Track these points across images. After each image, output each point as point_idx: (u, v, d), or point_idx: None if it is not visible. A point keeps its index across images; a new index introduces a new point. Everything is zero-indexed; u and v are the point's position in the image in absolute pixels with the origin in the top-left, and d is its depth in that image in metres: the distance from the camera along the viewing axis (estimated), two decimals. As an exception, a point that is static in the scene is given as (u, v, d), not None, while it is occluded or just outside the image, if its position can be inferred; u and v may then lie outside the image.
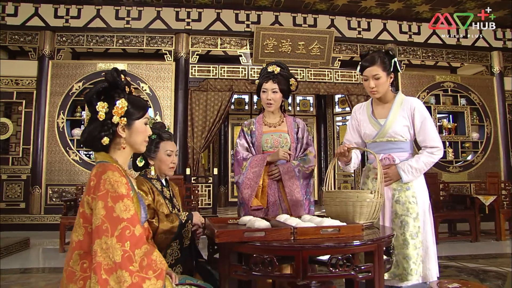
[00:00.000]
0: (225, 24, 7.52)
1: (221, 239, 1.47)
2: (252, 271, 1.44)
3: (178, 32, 7.39)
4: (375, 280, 1.47)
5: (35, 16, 7.12)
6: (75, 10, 7.19)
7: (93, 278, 1.34)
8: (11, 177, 6.89)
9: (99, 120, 1.50)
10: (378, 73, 2.23)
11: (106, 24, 7.24)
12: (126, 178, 1.49)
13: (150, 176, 2.14)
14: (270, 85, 2.51)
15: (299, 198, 2.42)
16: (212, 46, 7.56)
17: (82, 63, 7.32)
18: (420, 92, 7.87)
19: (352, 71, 7.76)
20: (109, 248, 1.34)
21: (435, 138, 2.25)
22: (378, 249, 1.49)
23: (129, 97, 1.59)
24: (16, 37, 7.14)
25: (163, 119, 7.17)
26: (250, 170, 2.45)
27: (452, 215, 5.84)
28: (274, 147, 2.54)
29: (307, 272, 1.39)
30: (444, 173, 7.74)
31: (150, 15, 7.35)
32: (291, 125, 2.61)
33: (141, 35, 7.37)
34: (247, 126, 2.68)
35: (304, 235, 1.49)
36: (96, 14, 7.23)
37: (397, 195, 2.24)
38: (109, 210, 1.38)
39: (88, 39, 7.27)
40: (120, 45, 7.38)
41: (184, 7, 7.42)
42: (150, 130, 1.67)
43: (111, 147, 1.57)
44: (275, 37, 7.32)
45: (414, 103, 2.29)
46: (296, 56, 7.50)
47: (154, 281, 1.38)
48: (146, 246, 1.43)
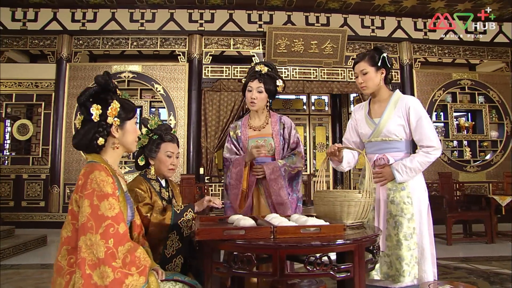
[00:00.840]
0: (238, 24, 7.57)
1: (200, 237, 1.50)
2: (232, 268, 1.46)
3: (191, 33, 7.48)
4: (355, 280, 1.47)
5: (53, 20, 7.34)
6: (91, 13, 7.37)
7: (78, 272, 1.40)
8: (32, 176, 7.13)
9: (94, 121, 1.57)
10: (365, 68, 2.25)
11: (121, 26, 7.40)
12: (112, 177, 1.55)
13: (149, 176, 2.18)
14: (255, 84, 2.51)
15: (284, 197, 2.41)
16: (225, 47, 7.63)
17: (98, 66, 7.51)
18: (435, 90, 7.73)
19: (366, 69, 7.68)
20: (93, 245, 1.40)
21: (431, 137, 2.19)
22: (359, 249, 1.49)
23: (119, 100, 1.65)
24: (36, 41, 7.38)
25: (177, 120, 7.28)
26: (233, 170, 2.47)
27: (467, 216, 5.70)
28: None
29: (284, 270, 1.41)
30: (461, 172, 7.57)
31: (163, 17, 7.47)
32: (276, 126, 2.57)
33: (155, 37, 7.50)
34: (233, 130, 2.67)
35: (284, 234, 1.50)
36: (111, 17, 7.40)
37: (392, 195, 2.21)
38: (94, 208, 1.44)
39: (104, 41, 7.45)
40: (134, 47, 7.52)
41: (197, 9, 7.50)
42: (139, 130, 1.73)
43: (103, 148, 1.63)
44: (288, 37, 7.32)
45: (410, 102, 2.25)
46: (309, 55, 7.48)
47: (137, 277, 1.43)
48: (129, 243, 1.48)
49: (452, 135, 7.85)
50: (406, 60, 7.69)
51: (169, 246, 1.95)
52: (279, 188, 2.41)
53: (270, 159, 2.52)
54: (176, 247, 1.95)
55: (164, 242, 1.95)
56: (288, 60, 7.54)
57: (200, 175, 7.19)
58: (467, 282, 3.59)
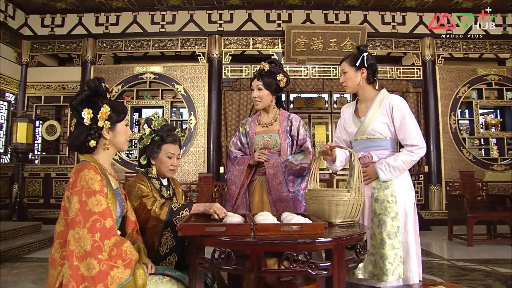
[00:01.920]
0: (257, 24, 7.61)
1: (183, 232, 1.56)
2: (213, 263, 1.51)
3: (211, 33, 7.59)
4: (334, 278, 1.48)
5: (79, 25, 7.64)
6: (114, 17, 7.62)
7: (66, 264, 1.49)
8: (59, 175, 7.45)
9: (85, 125, 1.66)
10: (345, 68, 2.32)
11: (143, 29, 7.60)
12: (101, 175, 1.63)
13: (150, 175, 2.24)
14: (255, 83, 2.56)
15: (283, 193, 2.43)
16: (244, 46, 7.69)
17: (120, 67, 7.74)
18: (460, 86, 7.50)
19: (387, 66, 7.56)
20: (80, 238, 1.49)
21: (415, 136, 2.19)
22: (338, 248, 1.50)
23: (110, 103, 1.74)
24: (63, 45, 7.70)
25: (197, 119, 7.40)
26: (236, 168, 2.53)
27: (489, 216, 5.51)
28: (265, 148, 2.57)
29: (261, 267, 1.44)
30: (487, 171, 7.31)
31: (183, 18, 7.62)
32: (283, 124, 2.59)
33: (176, 38, 7.66)
34: (242, 126, 2.73)
35: (264, 231, 1.53)
36: (133, 20, 7.61)
37: (376, 194, 2.21)
38: (82, 204, 1.53)
39: (127, 44, 7.67)
40: (156, 49, 7.70)
41: (216, 9, 7.60)
42: (130, 131, 1.81)
43: (95, 149, 1.72)
44: (306, 35, 7.30)
45: (394, 101, 2.25)
46: (328, 53, 7.42)
47: (122, 269, 1.50)
48: (116, 237, 1.55)
49: (478, 133, 7.58)
50: (428, 57, 7.49)
51: (163, 244, 1.97)
52: (278, 184, 2.43)
53: (276, 155, 2.54)
54: (170, 245, 1.97)
55: (159, 239, 1.98)
56: (307, 59, 7.52)
57: (220, 173, 7.29)
58: (482, 285, 3.49)
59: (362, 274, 2.15)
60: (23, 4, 7.42)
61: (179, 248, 1.98)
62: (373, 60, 2.33)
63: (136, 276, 1.54)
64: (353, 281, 2.20)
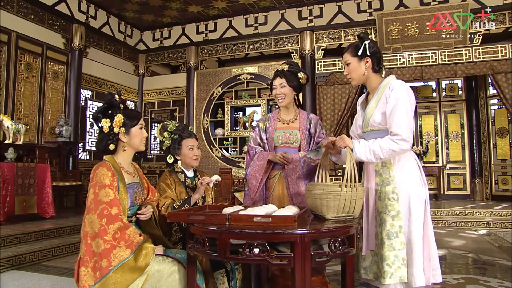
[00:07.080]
0: (347, 15, 7.50)
1: (170, 219, 1.86)
2: (195, 247, 1.71)
3: (302, 30, 7.72)
4: (296, 270, 1.53)
5: (182, 35, 8.49)
6: (212, 24, 8.27)
7: (83, 241, 1.88)
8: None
9: (105, 132, 2.02)
10: (347, 59, 2.16)
11: (238, 32, 8.10)
12: (113, 172, 1.96)
13: (176, 169, 2.56)
14: (278, 81, 2.63)
15: (301, 188, 2.48)
16: (336, 40, 7.64)
17: (220, 70, 8.36)
18: None
19: (498, 45, 6.75)
20: (92, 222, 1.84)
21: (401, 125, 1.93)
22: (301, 241, 1.54)
23: (124, 112, 2.07)
24: (170, 55, 8.64)
25: (291, 115, 7.57)
26: (256, 163, 2.64)
27: None
28: (284, 143, 2.64)
29: (227, 253, 1.58)
30: None
31: (275, 18, 7.90)
32: (303, 122, 2.66)
33: (269, 38, 7.98)
34: (262, 121, 2.80)
35: (237, 222, 1.68)
36: (228, 25, 8.16)
37: (379, 191, 2.05)
38: (95, 195, 1.88)
39: (224, 48, 8.25)
40: (251, 50, 8.14)
41: (306, 6, 7.70)
42: (145, 132, 2.15)
43: (115, 150, 2.08)
44: (400, 22, 6.94)
45: (393, 85, 2.04)
46: (425, 38, 6.94)
47: (123, 249, 1.82)
48: (120, 223, 1.86)
49: None
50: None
51: (173, 235, 2.36)
52: (297, 178, 2.51)
53: (295, 150, 2.62)
54: (178, 236, 2.35)
55: (170, 231, 2.36)
56: (402, 46, 7.13)
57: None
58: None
59: (367, 274, 2.04)
60: (138, 23, 8.52)
61: (185, 239, 2.29)
62: (376, 47, 2.15)
63: (138, 255, 1.83)
64: (364, 280, 2.13)
